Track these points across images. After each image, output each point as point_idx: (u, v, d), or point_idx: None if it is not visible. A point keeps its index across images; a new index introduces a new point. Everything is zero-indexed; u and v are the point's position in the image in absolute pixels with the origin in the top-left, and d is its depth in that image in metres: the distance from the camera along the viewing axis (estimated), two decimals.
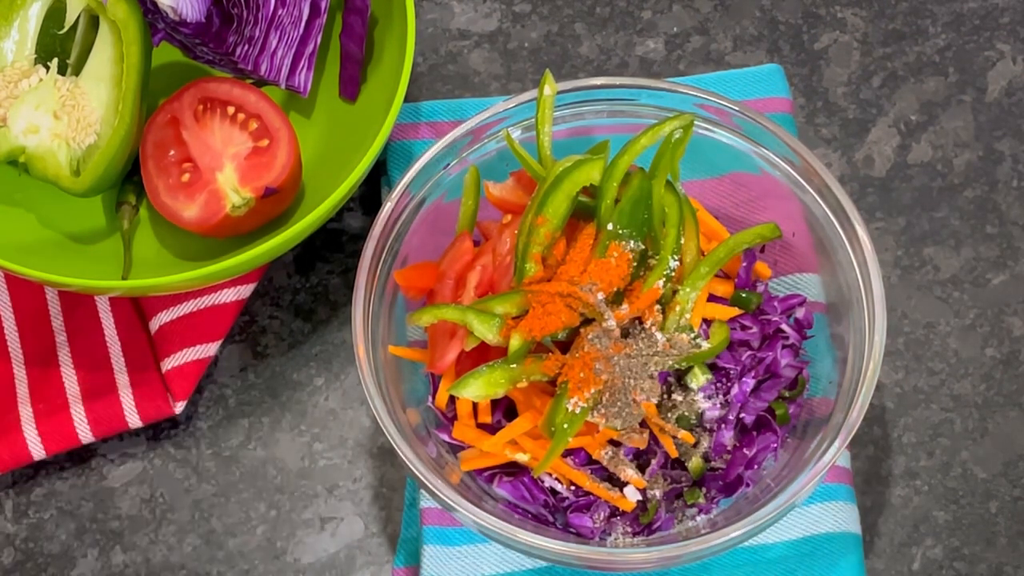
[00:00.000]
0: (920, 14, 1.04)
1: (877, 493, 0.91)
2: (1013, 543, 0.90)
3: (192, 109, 0.93)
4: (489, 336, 0.81)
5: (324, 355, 0.96)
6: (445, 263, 0.87)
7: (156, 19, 0.93)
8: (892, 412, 0.93)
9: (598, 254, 0.83)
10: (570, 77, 1.02)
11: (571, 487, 0.84)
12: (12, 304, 0.96)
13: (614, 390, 0.80)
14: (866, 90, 1.01)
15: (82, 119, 0.91)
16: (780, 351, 0.86)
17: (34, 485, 0.93)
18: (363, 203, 0.99)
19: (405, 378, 0.86)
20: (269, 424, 0.94)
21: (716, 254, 0.85)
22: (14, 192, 0.95)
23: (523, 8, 1.04)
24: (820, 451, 0.81)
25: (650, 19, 1.04)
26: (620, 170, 0.85)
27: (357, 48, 0.96)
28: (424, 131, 0.98)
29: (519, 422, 0.83)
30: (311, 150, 0.96)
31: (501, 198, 0.88)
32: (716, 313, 0.85)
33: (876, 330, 0.83)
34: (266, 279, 0.97)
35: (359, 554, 0.91)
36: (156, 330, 0.94)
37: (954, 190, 0.99)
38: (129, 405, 0.92)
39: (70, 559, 0.92)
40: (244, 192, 0.91)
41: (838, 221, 0.86)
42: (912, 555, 0.90)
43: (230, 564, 0.91)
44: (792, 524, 0.89)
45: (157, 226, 0.95)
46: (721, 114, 0.88)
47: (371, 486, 0.93)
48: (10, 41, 0.93)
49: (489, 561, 0.88)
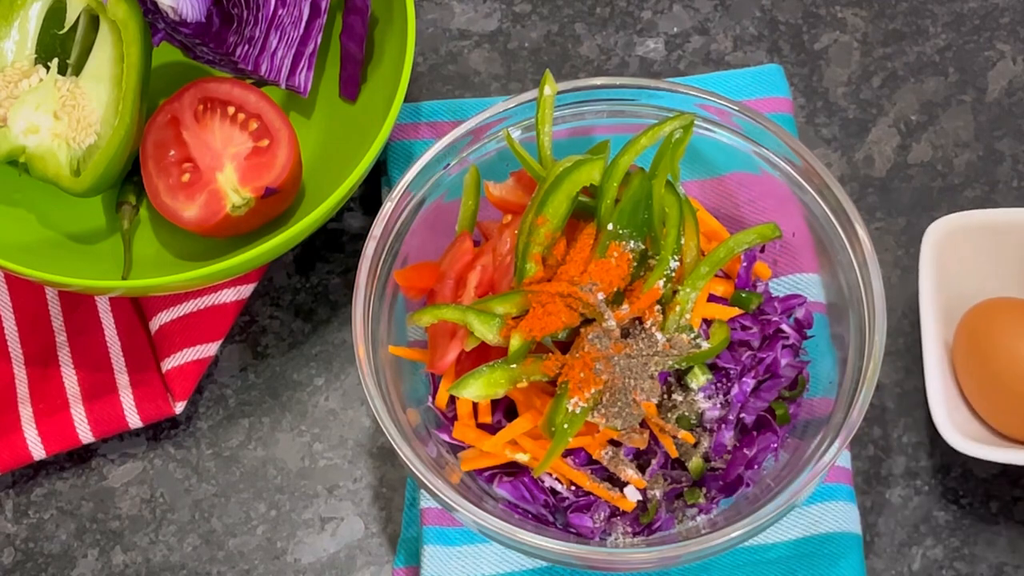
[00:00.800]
0: (920, 14, 1.04)
1: (877, 493, 0.91)
2: (1013, 543, 0.90)
3: (192, 109, 0.93)
4: (489, 336, 0.81)
5: (324, 355, 0.96)
6: (445, 263, 0.87)
7: (156, 19, 0.93)
8: (892, 412, 0.93)
9: (598, 254, 0.83)
10: (570, 77, 1.02)
11: (571, 487, 0.84)
12: (12, 304, 0.96)
13: (614, 390, 0.80)
14: (866, 90, 1.01)
15: (82, 119, 0.91)
16: (780, 351, 0.86)
17: (34, 485, 0.93)
18: (363, 203, 0.99)
19: (405, 378, 0.86)
20: (269, 424, 0.94)
21: (716, 254, 0.85)
22: (14, 192, 0.95)
23: (523, 8, 1.04)
24: (820, 451, 0.82)
25: (650, 19, 1.04)
26: (620, 170, 0.85)
27: (357, 48, 0.96)
28: (424, 131, 0.98)
29: (519, 422, 0.83)
30: (311, 150, 0.96)
31: (501, 198, 0.88)
32: (716, 313, 0.85)
33: (876, 330, 0.83)
34: (266, 279, 0.97)
35: (359, 554, 0.91)
36: (156, 330, 0.94)
37: (954, 190, 0.99)
38: (129, 405, 0.92)
39: (70, 559, 0.92)
40: (244, 192, 0.91)
41: (838, 221, 0.86)
42: (912, 555, 0.90)
43: (230, 564, 0.91)
44: (792, 524, 0.89)
45: (157, 226, 0.95)
46: (721, 114, 0.88)
47: (371, 486, 0.93)
48: (10, 41, 0.93)
49: (489, 561, 0.88)
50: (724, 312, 0.85)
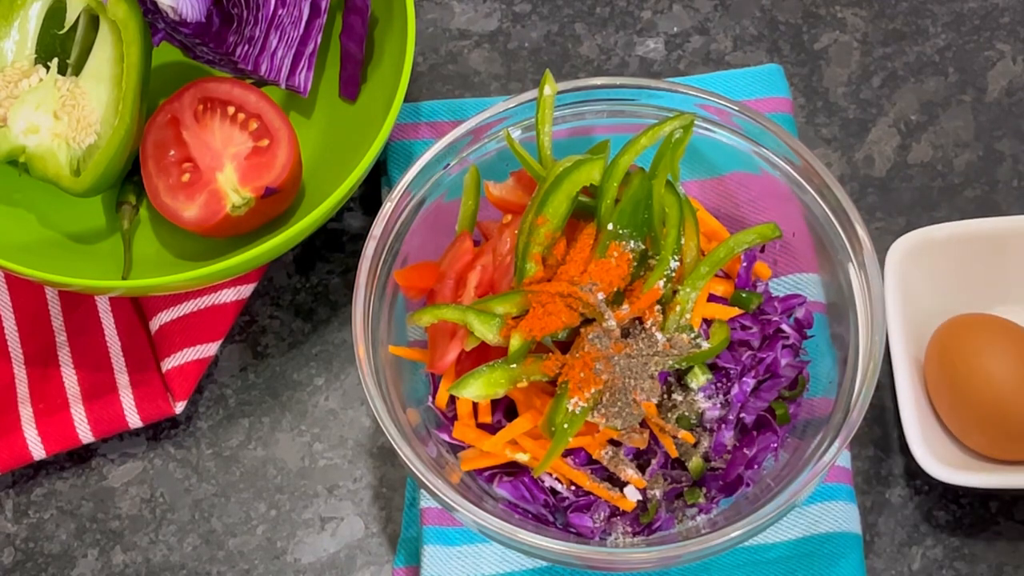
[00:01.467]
0: (920, 14, 1.04)
1: (877, 493, 0.91)
2: (1013, 543, 0.90)
3: (192, 109, 0.93)
4: (489, 336, 0.81)
5: (324, 355, 0.96)
6: (445, 263, 0.87)
7: (156, 19, 0.93)
8: (892, 412, 0.93)
9: (598, 254, 0.83)
10: (570, 77, 1.02)
11: (571, 487, 0.84)
12: (12, 304, 0.96)
13: (614, 390, 0.80)
14: (866, 90, 1.01)
15: (82, 119, 0.91)
16: (780, 351, 0.86)
17: (34, 485, 0.93)
18: (363, 203, 0.99)
19: (405, 378, 0.86)
20: (269, 424, 0.94)
21: (716, 254, 0.85)
22: (14, 192, 0.95)
23: (523, 8, 1.04)
24: (820, 451, 0.81)
25: (650, 19, 1.04)
26: (620, 170, 0.85)
27: (357, 48, 0.96)
28: (424, 131, 0.98)
29: (519, 422, 0.83)
30: (311, 150, 0.96)
31: (501, 198, 0.88)
32: (716, 313, 0.85)
33: (876, 330, 0.83)
34: (266, 279, 0.97)
35: (359, 554, 0.91)
36: (156, 330, 0.94)
37: (954, 190, 0.99)
38: (129, 405, 0.92)
39: (70, 559, 0.92)
40: (244, 192, 0.91)
41: (838, 221, 0.86)
42: (912, 555, 0.90)
43: (230, 564, 0.91)
44: (792, 524, 0.89)
45: (157, 226, 0.95)
46: (721, 114, 0.88)
47: (371, 486, 0.93)
48: (10, 41, 0.93)
49: (489, 561, 0.88)
50: (724, 312, 0.85)
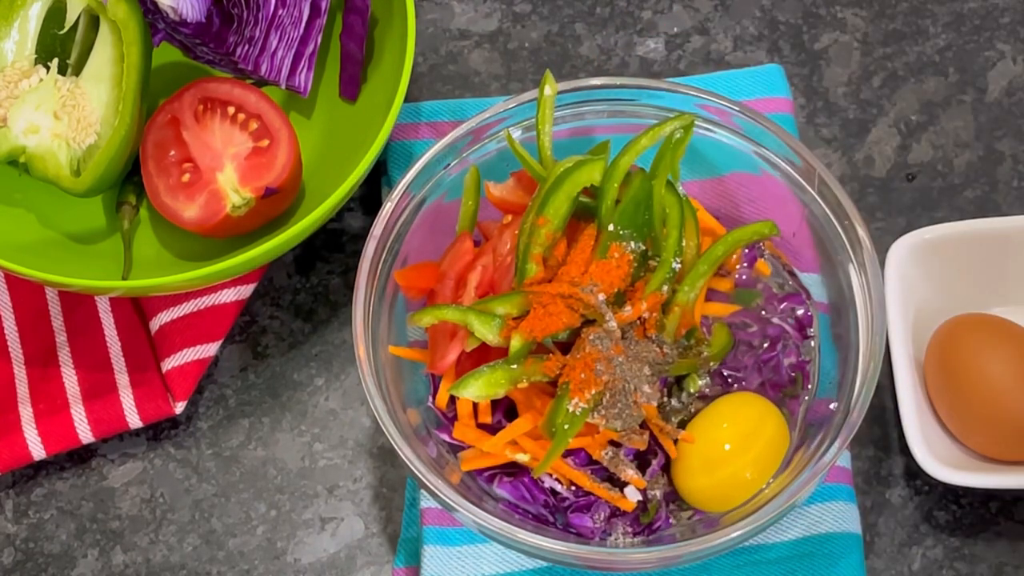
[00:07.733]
0: (920, 14, 1.04)
1: (877, 493, 0.91)
2: (1013, 543, 0.90)
3: (192, 109, 0.93)
4: (490, 337, 0.81)
5: (324, 355, 0.96)
6: (445, 263, 0.87)
7: (156, 19, 0.93)
8: (892, 412, 0.93)
9: (599, 255, 0.83)
10: (570, 77, 1.02)
11: (571, 487, 0.84)
12: (12, 304, 0.96)
13: (615, 391, 0.80)
14: (866, 90, 1.01)
15: (82, 119, 0.91)
16: (781, 351, 0.87)
17: (34, 485, 0.93)
18: (363, 203, 0.99)
19: (405, 378, 0.87)
20: (269, 424, 0.94)
21: (714, 252, 0.85)
22: (14, 192, 0.95)
23: (523, 8, 1.04)
24: (820, 451, 0.82)
25: (650, 19, 1.04)
26: (621, 171, 0.85)
27: (357, 48, 0.96)
28: (424, 131, 0.98)
29: (519, 422, 0.83)
30: (311, 150, 0.96)
31: (502, 198, 0.88)
32: (716, 311, 0.85)
33: (876, 330, 0.83)
34: (266, 279, 0.97)
35: (359, 554, 0.91)
36: (156, 330, 0.94)
37: (954, 190, 0.99)
38: (129, 405, 0.92)
39: (70, 559, 0.92)
40: (244, 192, 0.91)
41: (838, 221, 0.86)
42: (912, 555, 0.90)
43: (230, 564, 0.91)
44: (792, 524, 0.89)
45: (157, 226, 0.95)
46: (721, 114, 0.88)
47: (371, 486, 0.93)
48: (10, 41, 0.93)
49: (489, 561, 0.88)
50: (724, 309, 0.86)
